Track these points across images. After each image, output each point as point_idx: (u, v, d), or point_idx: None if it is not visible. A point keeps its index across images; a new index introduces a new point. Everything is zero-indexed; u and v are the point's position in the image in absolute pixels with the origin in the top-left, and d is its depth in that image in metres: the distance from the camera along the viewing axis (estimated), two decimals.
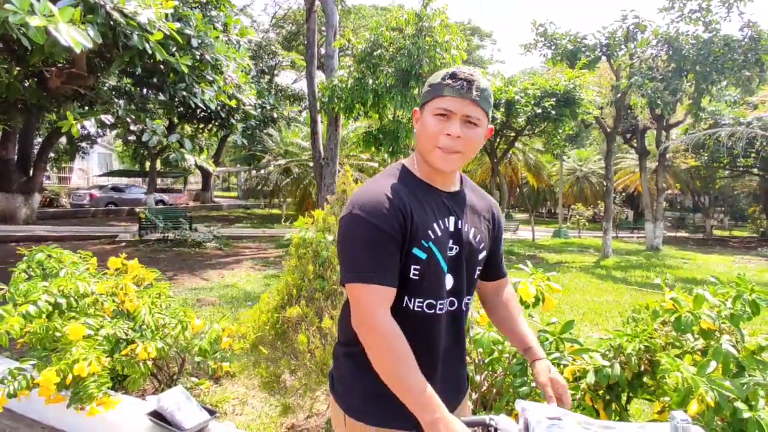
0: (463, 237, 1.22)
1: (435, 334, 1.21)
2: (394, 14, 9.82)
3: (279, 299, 2.06)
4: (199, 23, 4.45)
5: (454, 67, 1.16)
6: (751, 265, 12.58)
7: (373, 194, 1.14)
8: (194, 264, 9.22)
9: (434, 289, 1.18)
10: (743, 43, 11.62)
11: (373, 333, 1.08)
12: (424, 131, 1.16)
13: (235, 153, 29.15)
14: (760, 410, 1.39)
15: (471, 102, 1.12)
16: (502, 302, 1.42)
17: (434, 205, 1.20)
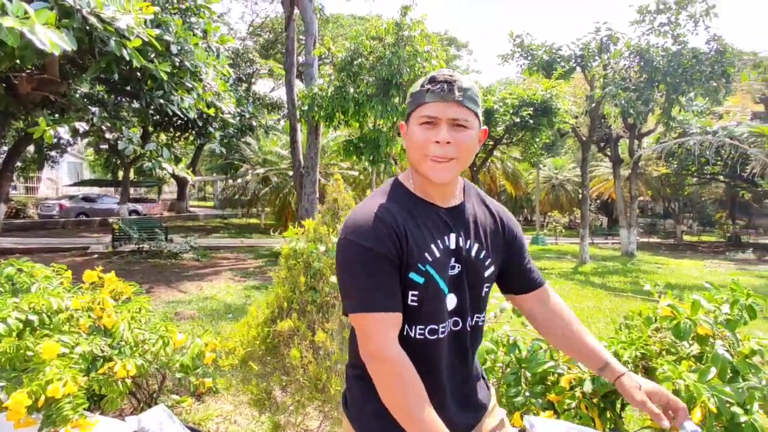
0: (465, 254, 1.15)
1: (437, 356, 1.15)
2: (373, 23, 9.88)
3: (269, 312, 1.99)
4: (179, 30, 4.35)
5: (433, 72, 1.11)
6: (721, 269, 12.98)
7: (365, 216, 1.09)
8: (171, 276, 8.98)
9: (435, 313, 1.12)
10: (710, 55, 12.09)
11: (383, 364, 1.03)
12: (412, 143, 1.11)
13: (212, 162, 28.71)
14: (754, 413, 1.40)
15: (455, 103, 1.06)
16: (551, 315, 1.27)
17: (432, 223, 1.13)
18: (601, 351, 1.18)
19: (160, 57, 4.26)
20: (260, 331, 1.92)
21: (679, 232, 24.02)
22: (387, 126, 10.42)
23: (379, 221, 1.07)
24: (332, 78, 9.87)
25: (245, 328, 2.02)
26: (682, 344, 1.70)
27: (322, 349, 1.81)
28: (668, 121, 13.28)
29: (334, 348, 1.79)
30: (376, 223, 1.06)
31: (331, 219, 2.06)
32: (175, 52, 4.30)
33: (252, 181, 18.64)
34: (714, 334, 1.61)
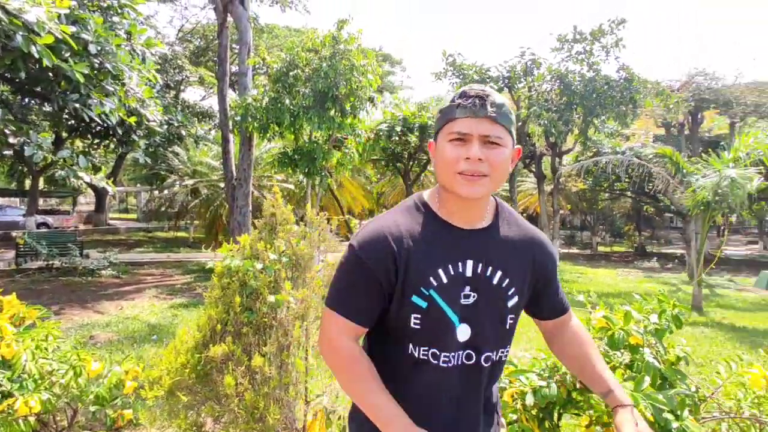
0: (484, 282, 1.09)
1: (443, 386, 1.11)
2: (309, 36, 9.81)
3: (200, 336, 1.83)
4: (99, 29, 4.02)
5: (463, 87, 1.07)
6: (631, 277, 14.11)
7: (375, 229, 1.08)
8: (86, 295, 8.20)
9: (438, 340, 1.08)
10: (620, 82, 13.26)
11: (332, 354, 1.09)
12: (441, 160, 1.05)
13: (135, 171, 26.93)
14: (685, 419, 1.48)
15: (487, 119, 1.01)
16: (568, 339, 1.25)
17: (447, 247, 1.08)
18: (608, 379, 1.15)
19: (77, 57, 3.89)
20: (190, 357, 1.76)
21: (594, 243, 25.90)
22: (323, 138, 10.33)
23: (382, 240, 1.05)
24: (267, 89, 9.64)
25: (172, 355, 1.84)
26: (614, 353, 1.77)
27: (259, 375, 1.68)
28: (585, 141, 14.35)
29: (272, 373, 1.68)
30: (378, 241, 1.05)
31: (268, 234, 1.95)
32: (94, 52, 3.95)
33: (180, 192, 17.68)
34: (643, 343, 1.69)
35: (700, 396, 1.65)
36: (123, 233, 23.55)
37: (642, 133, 20.47)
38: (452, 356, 1.08)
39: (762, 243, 27.34)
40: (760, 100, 15.77)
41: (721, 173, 7.25)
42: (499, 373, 1.22)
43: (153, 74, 5.46)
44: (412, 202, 1.15)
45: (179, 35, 24.85)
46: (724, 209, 7.71)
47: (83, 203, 34.42)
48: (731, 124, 17.39)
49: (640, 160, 11.25)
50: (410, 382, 1.10)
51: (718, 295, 10.61)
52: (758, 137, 7.66)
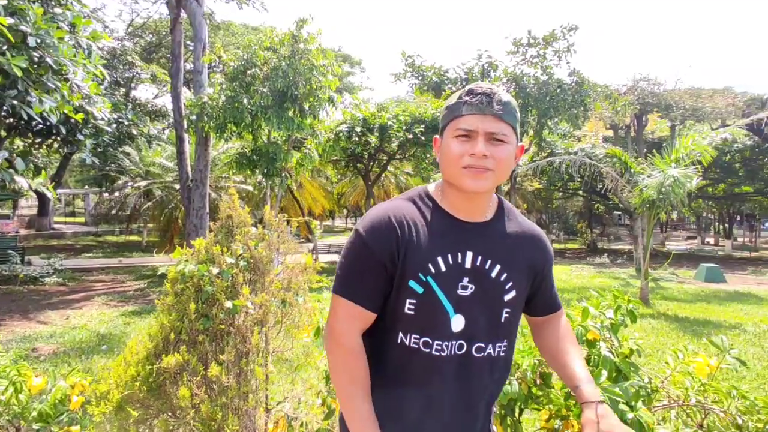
0: (482, 274, 1.09)
1: (434, 376, 1.10)
2: (267, 34, 9.61)
3: (152, 346, 1.74)
4: (39, 20, 3.75)
5: (470, 84, 1.07)
6: (584, 272, 14.70)
7: (378, 213, 1.10)
8: (28, 305, 7.69)
9: (432, 328, 1.08)
10: (571, 86, 13.79)
11: (336, 346, 1.08)
12: (447, 156, 1.07)
13: (83, 173, 25.58)
14: (639, 410, 1.54)
15: (493, 117, 1.03)
16: (550, 333, 1.26)
17: (447, 236, 1.09)
18: (578, 374, 1.14)
19: (14, 50, 3.63)
20: (141, 369, 1.66)
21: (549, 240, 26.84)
22: (282, 139, 10.15)
23: (387, 221, 1.07)
24: (223, 87, 9.36)
25: (122, 367, 1.74)
26: None
27: (216, 385, 1.62)
28: (540, 141, 14.83)
29: (230, 382, 1.61)
30: (382, 223, 1.07)
31: (224, 237, 1.88)
32: (33, 45, 3.68)
33: (132, 194, 16.90)
34: (600, 338, 1.75)
35: (652, 387, 1.73)
36: (70, 238, 22.30)
37: (592, 134, 21.37)
38: (445, 345, 1.08)
39: (700, 238, 29.20)
40: (696, 104, 16.81)
41: (665, 173, 7.65)
42: (504, 372, 1.20)
43: (100, 70, 5.17)
44: (417, 192, 1.17)
45: (129, 30, 23.78)
46: (667, 207, 8.16)
47: (25, 206, 32.38)
48: (672, 127, 18.44)
49: (591, 160, 11.74)
50: (402, 371, 1.11)
51: (662, 288, 11.21)
52: (696, 139, 8.14)
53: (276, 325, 1.84)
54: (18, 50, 3.67)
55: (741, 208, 26.06)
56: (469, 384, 1.12)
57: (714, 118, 17.77)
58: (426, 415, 1.11)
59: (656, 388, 1.74)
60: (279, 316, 1.84)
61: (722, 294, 10.29)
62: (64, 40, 4.20)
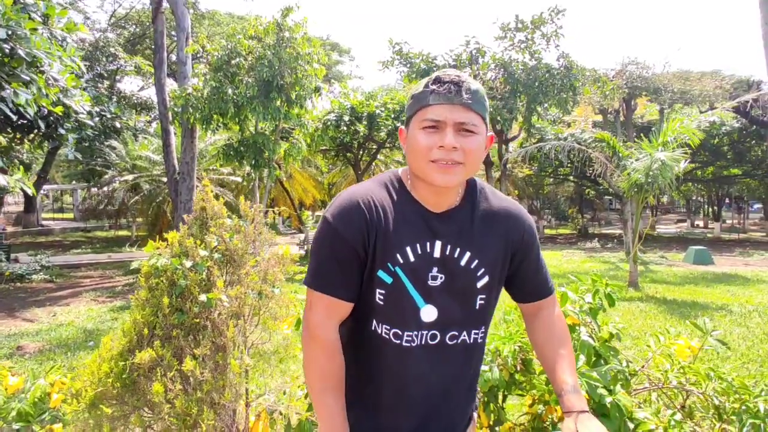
0: (452, 263, 1.06)
1: (408, 366, 1.08)
2: (252, 23, 9.45)
3: (126, 342, 1.70)
4: (8, 10, 3.64)
5: (437, 72, 1.02)
6: (575, 257, 14.80)
7: (348, 198, 1.06)
8: (14, 302, 7.60)
9: (401, 318, 1.06)
10: (560, 70, 13.73)
11: (311, 340, 1.06)
12: (414, 148, 1.01)
13: (70, 168, 25.20)
14: (618, 394, 1.53)
15: (462, 107, 0.98)
16: (543, 326, 1.20)
17: (416, 226, 1.06)
18: (564, 381, 1.10)
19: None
20: (114, 365, 1.63)
21: (541, 226, 26.93)
22: (269, 129, 10.04)
23: (357, 207, 1.04)
24: (208, 77, 9.21)
25: (96, 363, 1.70)
26: None
27: (191, 379, 1.59)
28: (529, 127, 14.81)
29: (205, 376, 1.58)
30: (351, 208, 1.04)
31: (198, 230, 1.84)
32: (3, 37, 3.58)
33: (119, 189, 16.69)
34: (579, 323, 1.74)
35: (630, 370, 1.72)
36: (58, 234, 22.06)
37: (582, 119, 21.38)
38: (415, 335, 1.07)
39: (690, 221, 29.50)
40: (685, 88, 16.84)
41: (652, 156, 7.67)
42: (479, 358, 1.19)
43: (78, 63, 5.03)
44: (387, 177, 1.13)
45: (111, 21, 23.30)
46: (656, 190, 8.19)
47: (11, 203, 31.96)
48: (660, 111, 18.50)
49: (581, 145, 11.73)
50: (376, 360, 1.10)
51: (652, 271, 11.33)
52: (684, 123, 8.16)
53: (252, 317, 1.81)
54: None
55: (729, 190, 26.33)
56: (444, 372, 1.11)
57: (702, 101, 17.84)
58: (401, 404, 1.10)
59: (634, 372, 1.73)
60: (256, 308, 1.81)
61: (710, 276, 10.41)
62: (38, 32, 4.08)
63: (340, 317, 1.08)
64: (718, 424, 1.57)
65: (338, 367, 1.06)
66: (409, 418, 1.11)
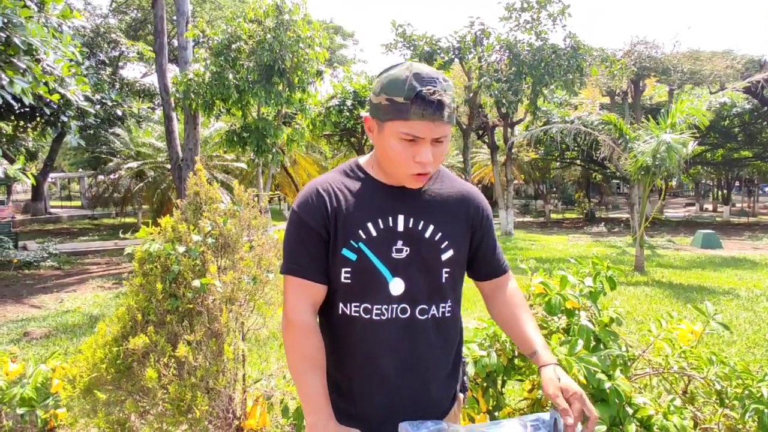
0: (416, 236, 1.10)
1: (378, 343, 1.10)
2: (252, 5, 9.31)
3: (120, 328, 1.69)
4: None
5: (416, 81, 0.98)
6: (581, 242, 14.72)
7: (308, 187, 1.13)
8: (22, 289, 7.68)
9: (370, 293, 1.09)
10: (566, 51, 13.47)
11: (287, 324, 1.09)
12: (389, 155, 1.05)
13: (76, 156, 25.30)
14: (617, 379, 1.50)
15: (441, 124, 1.01)
16: (502, 301, 1.25)
17: (376, 201, 1.11)
18: (534, 340, 1.15)
19: None
20: (108, 351, 1.62)
21: (547, 211, 26.78)
22: (272, 114, 9.97)
23: (315, 193, 1.10)
24: (209, 62, 9.12)
25: (91, 349, 1.70)
26: (552, 319, 1.78)
27: (186, 365, 1.57)
28: (535, 110, 14.59)
29: (199, 361, 1.57)
30: (312, 195, 1.10)
31: (192, 215, 1.81)
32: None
33: (125, 176, 16.74)
34: (579, 307, 1.70)
35: (630, 355, 1.69)
36: (66, 222, 22.24)
37: (589, 102, 21.06)
38: (385, 309, 1.09)
39: (698, 205, 29.20)
40: (695, 68, 16.49)
41: (659, 138, 7.54)
42: (454, 333, 1.20)
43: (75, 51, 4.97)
44: (347, 165, 1.18)
45: (113, 6, 23.10)
46: (663, 173, 8.07)
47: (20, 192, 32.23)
48: (670, 91, 18.16)
49: (587, 128, 11.55)
50: (347, 341, 1.12)
51: (658, 256, 11.24)
52: (693, 103, 7.99)
53: (247, 302, 1.80)
54: None
55: (740, 173, 25.95)
56: (415, 347, 1.12)
57: (713, 82, 17.48)
58: (375, 384, 1.12)
59: (634, 357, 1.70)
60: (251, 293, 1.79)
61: (718, 260, 10.31)
62: (32, 20, 4.03)
63: (314, 300, 1.11)
64: (720, 410, 1.54)
65: (316, 347, 1.07)
66: (382, 393, 1.12)
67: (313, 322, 1.09)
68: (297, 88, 9.11)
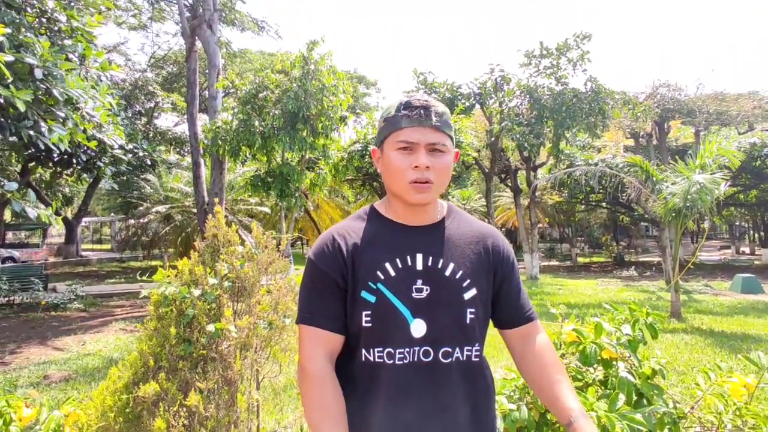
0: (436, 274, 1.08)
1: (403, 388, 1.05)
2: (279, 57, 9.75)
3: (131, 373, 1.64)
4: (46, 53, 3.82)
5: (406, 97, 1.09)
6: (611, 286, 14.17)
7: (324, 236, 1.12)
8: (47, 331, 7.76)
9: (392, 336, 1.05)
10: (588, 94, 13.54)
11: (303, 374, 1.05)
12: (390, 169, 1.08)
13: (109, 201, 26.29)
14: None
15: (432, 129, 1.06)
16: (532, 357, 1.15)
17: (394, 241, 1.10)
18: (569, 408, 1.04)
19: (21, 82, 3.70)
20: (117, 399, 1.56)
21: (574, 254, 26.14)
22: (296, 159, 10.19)
23: (332, 239, 1.09)
24: (236, 111, 9.49)
25: (101, 395, 1.64)
26: (587, 370, 1.64)
27: (196, 414, 1.50)
28: (557, 153, 14.54)
29: (210, 412, 1.49)
30: (327, 243, 1.09)
31: (210, 257, 1.78)
32: (39, 77, 3.75)
33: (153, 220, 17.19)
34: (617, 357, 1.57)
35: (679, 412, 1.53)
36: (95, 264, 22.79)
37: (612, 144, 20.92)
38: (407, 352, 1.05)
39: (734, 248, 28.03)
40: (721, 108, 16.29)
41: (690, 179, 7.34)
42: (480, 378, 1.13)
43: (114, 100, 5.22)
44: (362, 210, 1.19)
45: (151, 62, 24.63)
46: (695, 215, 7.79)
47: (55, 235, 33.39)
48: (696, 133, 17.90)
49: (612, 170, 11.38)
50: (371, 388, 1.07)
51: (695, 301, 10.68)
52: (722, 144, 7.81)
53: (263, 350, 1.72)
54: (24, 83, 3.73)
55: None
56: (440, 392, 1.06)
57: (741, 122, 17.20)
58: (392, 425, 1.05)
59: (683, 414, 1.54)
60: (266, 339, 1.72)
61: (761, 306, 9.73)
62: (73, 72, 4.27)
63: (330, 349, 1.07)
64: None
65: (333, 397, 1.02)
66: None
67: (329, 371, 1.05)
68: (320, 134, 9.34)
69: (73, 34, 4.67)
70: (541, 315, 8.99)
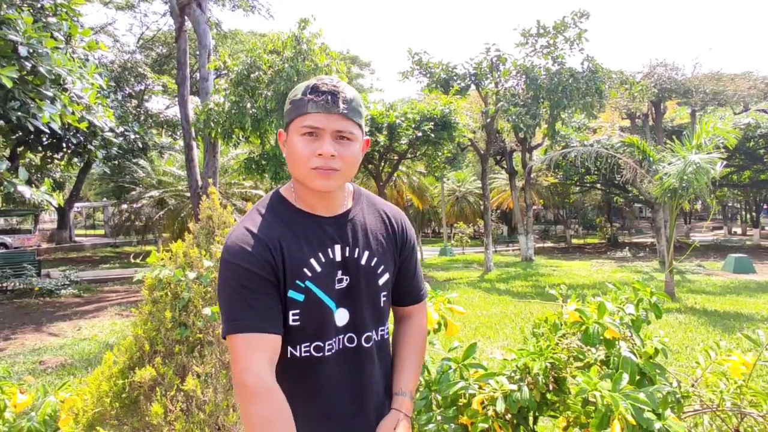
0: (354, 264, 1.09)
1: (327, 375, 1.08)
2: (271, 37, 9.55)
3: (126, 358, 1.61)
4: (29, 29, 3.69)
5: (314, 79, 1.04)
6: (605, 267, 14.29)
7: (239, 234, 1.03)
8: (42, 317, 7.73)
9: (320, 330, 1.06)
10: (584, 74, 13.41)
11: (242, 392, 0.93)
12: (294, 154, 1.03)
13: (101, 185, 26.03)
14: (668, 419, 1.34)
15: (339, 116, 1.01)
16: (406, 331, 1.24)
17: (313, 236, 1.07)
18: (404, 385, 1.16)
19: (5, 60, 3.58)
20: (113, 384, 1.53)
21: (568, 236, 26.27)
22: None
23: (253, 238, 1.01)
24: (228, 92, 9.32)
25: (96, 381, 1.61)
26: (589, 349, 1.63)
27: (194, 399, 1.47)
28: (553, 134, 14.47)
29: (208, 396, 1.47)
30: (249, 241, 1.01)
31: (204, 239, 1.74)
32: (24, 54, 3.63)
33: (146, 204, 17.06)
34: (620, 336, 1.56)
35: (682, 392, 1.52)
36: (89, 250, 22.67)
37: (608, 125, 20.84)
38: (334, 341, 1.08)
39: (726, 228, 28.28)
40: (718, 88, 16.23)
41: (686, 159, 7.32)
42: (387, 352, 1.21)
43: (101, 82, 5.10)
44: (268, 199, 1.13)
45: (140, 43, 24.10)
46: (690, 196, 7.80)
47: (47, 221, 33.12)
48: (692, 113, 17.86)
49: (608, 151, 11.35)
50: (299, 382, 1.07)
51: (689, 281, 10.80)
52: (718, 123, 7.78)
53: None
54: (8, 60, 3.62)
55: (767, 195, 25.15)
56: (362, 375, 1.12)
57: (736, 102, 17.16)
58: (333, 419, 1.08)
59: (687, 393, 1.53)
60: None
61: (753, 285, 9.84)
62: (59, 50, 4.14)
63: (271, 354, 0.97)
64: None
65: (280, 410, 0.93)
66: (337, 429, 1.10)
67: (270, 380, 0.94)
68: None
69: (57, 12, 4.53)
70: (537, 295, 9.04)
